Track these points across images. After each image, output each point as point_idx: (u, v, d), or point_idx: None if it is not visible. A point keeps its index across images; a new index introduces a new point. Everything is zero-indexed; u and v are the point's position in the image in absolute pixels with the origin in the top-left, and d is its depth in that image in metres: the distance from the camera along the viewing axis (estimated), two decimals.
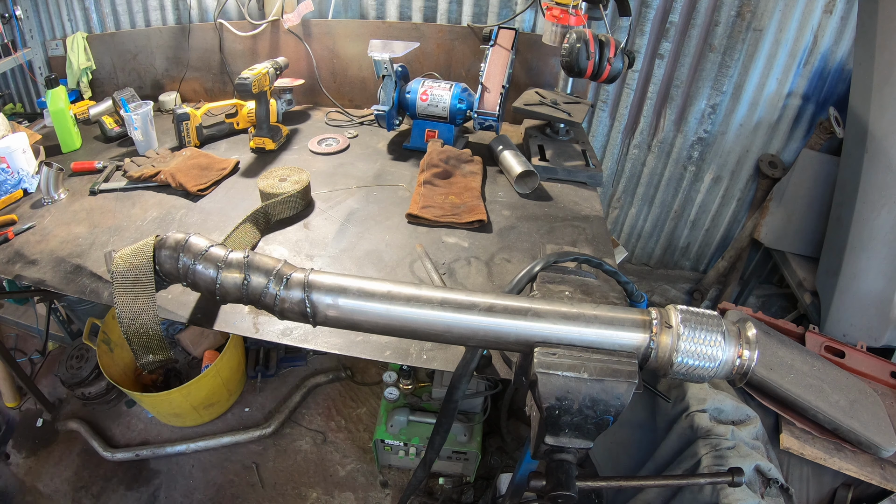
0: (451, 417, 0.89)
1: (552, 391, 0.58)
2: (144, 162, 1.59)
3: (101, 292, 1.10)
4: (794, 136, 2.12)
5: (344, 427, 2.13)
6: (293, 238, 1.29)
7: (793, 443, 1.30)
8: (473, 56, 1.93)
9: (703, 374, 0.60)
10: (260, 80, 1.58)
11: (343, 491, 1.90)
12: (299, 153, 1.74)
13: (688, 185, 2.29)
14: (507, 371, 0.95)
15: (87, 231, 1.30)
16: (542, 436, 0.62)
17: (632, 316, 0.62)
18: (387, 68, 1.61)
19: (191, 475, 1.94)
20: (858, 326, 1.72)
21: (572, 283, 0.74)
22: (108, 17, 2.14)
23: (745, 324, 0.61)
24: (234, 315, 1.05)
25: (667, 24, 1.92)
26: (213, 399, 2.04)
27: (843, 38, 1.87)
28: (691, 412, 1.33)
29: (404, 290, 0.64)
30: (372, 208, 1.42)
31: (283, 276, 0.66)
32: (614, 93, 2.13)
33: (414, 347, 0.99)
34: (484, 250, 1.27)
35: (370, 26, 1.97)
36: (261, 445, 2.04)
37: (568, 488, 0.62)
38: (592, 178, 1.58)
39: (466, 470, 1.87)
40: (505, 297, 0.64)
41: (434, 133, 1.71)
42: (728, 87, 2.01)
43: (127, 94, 1.89)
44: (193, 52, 2.07)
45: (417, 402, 1.84)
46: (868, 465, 1.27)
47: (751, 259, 2.33)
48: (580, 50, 1.33)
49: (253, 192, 1.43)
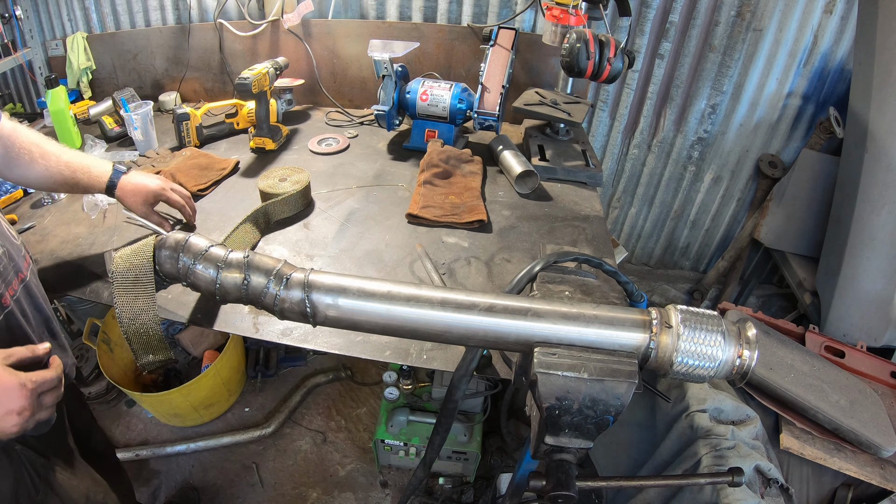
0: (451, 417, 0.89)
1: (552, 391, 0.58)
2: (144, 162, 1.59)
3: (101, 292, 1.10)
4: (794, 136, 2.12)
5: (344, 427, 2.13)
6: (293, 238, 1.29)
7: (793, 443, 1.30)
8: (473, 56, 1.93)
9: (703, 374, 0.60)
10: (260, 80, 1.58)
11: (343, 491, 1.90)
12: (299, 153, 1.74)
13: (688, 185, 2.29)
14: (507, 371, 0.95)
15: (87, 231, 1.30)
16: (542, 436, 0.62)
17: (632, 316, 0.62)
18: (387, 68, 1.61)
19: (191, 475, 1.94)
20: (858, 326, 1.72)
21: (572, 283, 0.74)
22: (108, 17, 2.14)
23: (745, 324, 0.61)
24: (234, 315, 1.05)
25: (667, 24, 1.92)
26: (213, 399, 2.04)
27: (843, 38, 1.87)
28: (691, 412, 1.33)
29: (404, 290, 0.64)
30: (372, 208, 1.42)
31: (283, 276, 0.66)
32: (614, 93, 2.13)
33: (414, 347, 0.99)
34: (484, 250, 1.27)
35: (370, 26, 1.97)
36: (261, 445, 2.04)
37: (568, 488, 0.62)
38: (592, 178, 1.58)
39: (466, 470, 1.87)
40: (505, 297, 0.64)
41: (434, 133, 1.71)
42: (728, 87, 2.01)
43: (127, 94, 1.89)
44: (193, 52, 2.07)
45: (417, 402, 1.84)
46: (868, 465, 1.27)
47: (751, 259, 2.33)
48: (580, 50, 1.33)
49: (253, 192, 1.43)
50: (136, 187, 1.14)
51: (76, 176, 1.08)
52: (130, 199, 1.15)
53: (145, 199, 1.16)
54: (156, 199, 1.19)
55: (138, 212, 1.18)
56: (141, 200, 1.16)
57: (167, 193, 1.20)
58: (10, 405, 0.69)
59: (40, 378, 0.74)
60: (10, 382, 0.70)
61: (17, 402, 0.70)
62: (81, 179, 1.08)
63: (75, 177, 1.07)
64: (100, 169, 1.12)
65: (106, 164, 1.14)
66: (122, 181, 1.14)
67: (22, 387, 0.70)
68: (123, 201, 1.16)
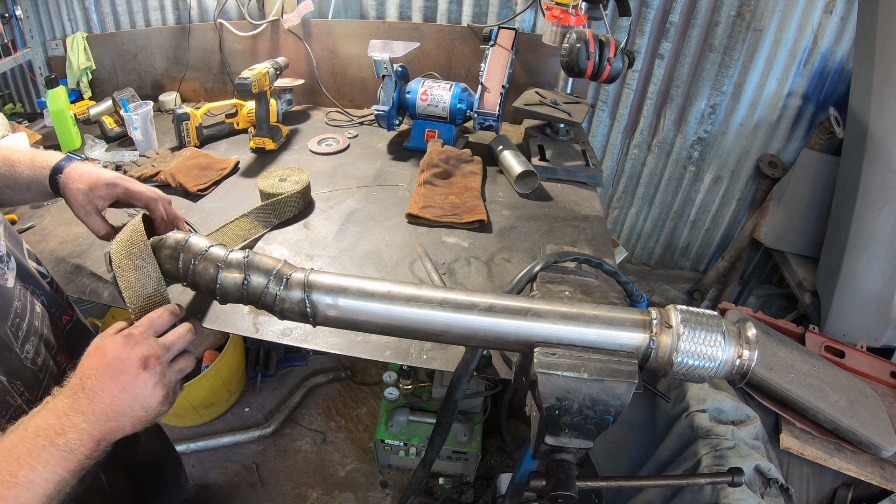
0: (451, 417, 0.89)
1: (552, 391, 0.58)
2: (144, 162, 1.59)
3: (101, 292, 1.10)
4: (794, 136, 2.12)
5: (344, 427, 2.13)
6: (293, 238, 1.29)
7: (793, 443, 1.30)
8: (473, 56, 1.93)
9: (703, 374, 0.60)
10: (260, 80, 1.58)
11: (343, 491, 1.90)
12: (299, 153, 1.74)
13: (688, 185, 2.29)
14: (507, 371, 0.95)
15: (87, 231, 1.29)
16: (542, 436, 0.62)
17: (632, 316, 0.62)
18: (387, 68, 1.61)
19: (190, 475, 1.94)
20: (858, 326, 1.72)
21: (572, 283, 0.74)
22: (108, 17, 2.14)
23: (745, 324, 0.61)
24: (234, 315, 1.05)
25: (667, 24, 1.92)
26: (213, 399, 2.04)
27: (843, 38, 1.87)
28: (691, 412, 1.32)
29: (404, 290, 0.64)
30: (372, 208, 1.42)
31: (282, 276, 0.66)
32: (614, 93, 2.13)
33: (414, 347, 0.99)
34: (484, 250, 1.27)
35: (370, 26, 1.97)
36: (261, 445, 2.04)
37: (568, 488, 0.62)
38: (592, 178, 1.58)
39: (466, 470, 1.87)
40: (505, 297, 0.64)
41: (434, 133, 1.71)
42: (728, 87, 2.01)
43: (127, 94, 1.89)
44: (193, 52, 2.07)
45: (417, 402, 1.84)
46: (868, 465, 1.27)
47: (751, 259, 2.33)
48: (580, 50, 1.33)
49: (253, 192, 1.43)
50: (82, 175, 0.86)
51: (16, 170, 0.85)
52: (73, 186, 0.85)
53: (90, 188, 0.86)
54: (108, 193, 0.88)
55: (79, 208, 0.87)
56: (84, 188, 0.85)
57: (127, 184, 0.89)
58: (144, 401, 0.61)
59: (169, 342, 0.64)
60: (140, 378, 0.60)
61: (152, 393, 0.61)
62: (23, 173, 0.85)
63: (15, 171, 0.85)
64: (46, 156, 0.87)
65: (57, 154, 0.89)
66: (70, 166, 0.86)
67: (150, 372, 0.61)
68: (66, 193, 0.86)
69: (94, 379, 0.59)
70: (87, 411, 0.57)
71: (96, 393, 0.58)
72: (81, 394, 0.58)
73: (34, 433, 0.54)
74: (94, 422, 0.57)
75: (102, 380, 0.59)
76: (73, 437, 0.55)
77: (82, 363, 0.61)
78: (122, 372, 0.60)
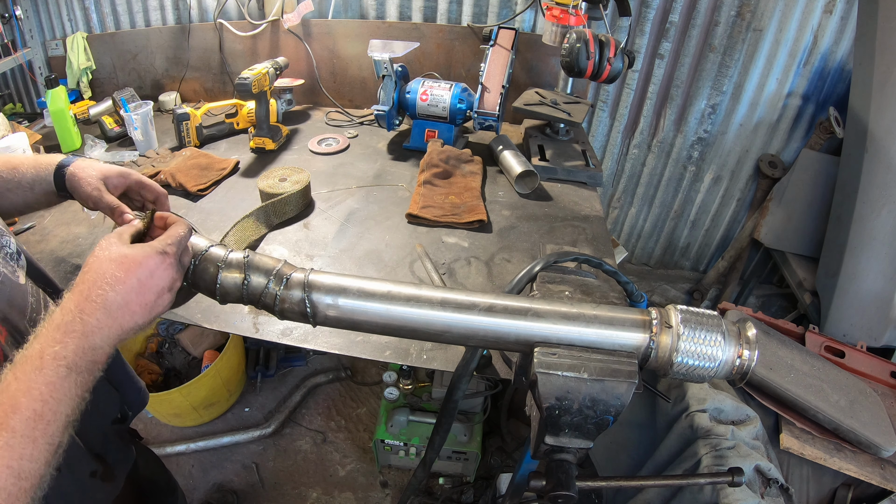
0: (451, 417, 0.89)
1: (552, 391, 0.58)
2: (144, 162, 1.59)
3: None
4: (794, 136, 2.12)
5: (344, 427, 2.13)
6: (293, 238, 1.29)
7: (793, 443, 1.30)
8: (473, 56, 1.93)
9: (703, 374, 0.60)
10: (260, 80, 1.58)
11: (343, 491, 1.90)
12: (299, 153, 1.74)
13: (688, 185, 2.29)
14: (507, 371, 0.95)
15: (87, 231, 1.30)
16: (542, 436, 0.62)
17: (632, 316, 0.62)
18: (387, 68, 1.61)
19: (191, 475, 1.94)
20: (858, 326, 1.72)
21: (572, 283, 0.74)
22: (108, 17, 2.14)
23: (745, 324, 0.61)
24: (234, 315, 1.05)
25: (667, 24, 1.92)
26: (213, 399, 2.04)
27: (843, 38, 1.87)
28: (691, 412, 1.32)
29: (404, 290, 0.64)
30: (372, 208, 1.42)
31: (282, 276, 0.66)
32: (614, 93, 2.13)
33: (414, 347, 0.99)
34: (484, 250, 1.27)
35: (370, 26, 1.97)
36: (261, 445, 2.04)
37: (568, 488, 0.62)
38: (592, 178, 1.58)
39: (466, 470, 1.87)
40: (505, 297, 0.64)
41: (434, 133, 1.71)
42: (728, 87, 2.01)
43: (127, 94, 1.89)
44: (193, 52, 2.07)
45: (417, 402, 1.84)
46: (868, 465, 1.27)
47: (751, 259, 2.33)
48: (580, 50, 1.33)
49: (253, 192, 1.43)
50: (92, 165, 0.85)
51: (19, 171, 0.84)
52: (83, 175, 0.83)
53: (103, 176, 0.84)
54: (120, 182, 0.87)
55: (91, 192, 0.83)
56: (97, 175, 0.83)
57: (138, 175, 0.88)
58: (161, 283, 0.60)
59: (176, 238, 0.63)
60: (153, 260, 0.59)
61: (167, 278, 0.61)
62: (26, 173, 0.84)
63: (17, 173, 0.83)
64: (49, 156, 0.88)
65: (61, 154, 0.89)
66: (77, 160, 0.86)
67: (164, 257, 0.61)
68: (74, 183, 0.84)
69: (122, 294, 0.57)
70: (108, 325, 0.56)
71: (119, 305, 0.57)
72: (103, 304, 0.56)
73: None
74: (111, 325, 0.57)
75: (129, 295, 0.58)
76: (98, 340, 0.55)
77: (102, 269, 0.58)
78: (149, 290, 0.60)
